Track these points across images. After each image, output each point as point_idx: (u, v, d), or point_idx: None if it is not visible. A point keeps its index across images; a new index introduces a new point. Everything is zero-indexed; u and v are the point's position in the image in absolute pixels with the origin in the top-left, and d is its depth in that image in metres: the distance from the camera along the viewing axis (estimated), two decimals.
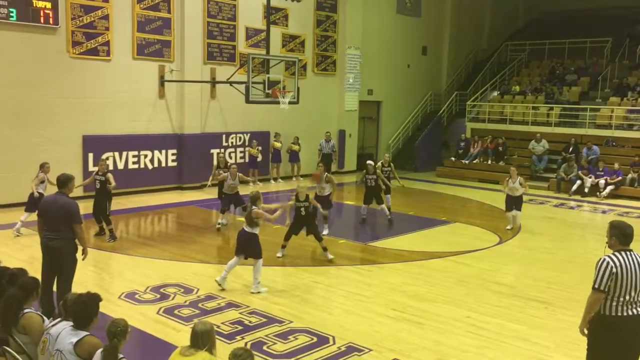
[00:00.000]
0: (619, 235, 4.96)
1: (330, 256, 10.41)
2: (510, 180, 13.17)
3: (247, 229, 8.73)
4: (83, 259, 7.22)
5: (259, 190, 9.32)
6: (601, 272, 4.86)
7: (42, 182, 11.42)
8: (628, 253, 4.93)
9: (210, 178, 13.51)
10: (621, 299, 4.85)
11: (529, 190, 14.09)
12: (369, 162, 13.85)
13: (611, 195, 17.80)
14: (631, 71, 22.69)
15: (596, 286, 4.88)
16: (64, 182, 7.08)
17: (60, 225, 6.93)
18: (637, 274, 4.88)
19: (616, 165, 18.16)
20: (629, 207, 16.67)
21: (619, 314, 4.86)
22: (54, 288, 7.10)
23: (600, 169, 18.31)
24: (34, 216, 11.83)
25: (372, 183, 13.39)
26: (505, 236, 12.66)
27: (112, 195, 11.67)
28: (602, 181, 18.02)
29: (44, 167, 11.53)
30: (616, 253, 4.93)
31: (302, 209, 10.34)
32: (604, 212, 16.30)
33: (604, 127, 20.44)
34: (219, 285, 8.64)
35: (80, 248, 7.14)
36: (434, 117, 25.03)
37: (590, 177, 18.26)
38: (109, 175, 11.37)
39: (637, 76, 22.07)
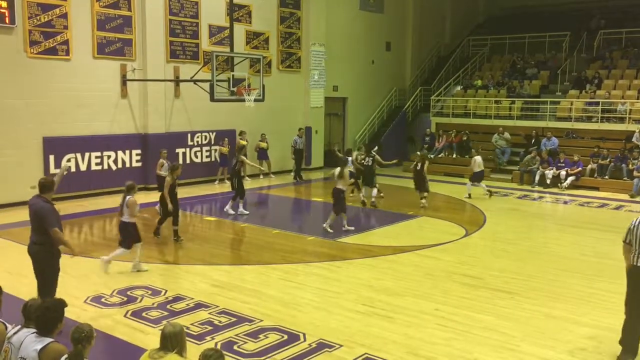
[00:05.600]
0: None
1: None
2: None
3: (123, 218, 8.96)
4: (72, 257, 6.98)
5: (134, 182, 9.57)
6: (626, 228, 6.27)
7: (162, 165, 13.58)
8: None
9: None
10: (637, 250, 6.09)
11: (494, 183, 14.26)
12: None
13: (572, 186, 18.22)
14: (589, 64, 23.27)
15: (623, 238, 6.31)
16: (49, 187, 6.81)
17: (35, 230, 6.83)
18: None
19: (575, 157, 18.60)
20: (589, 197, 17.10)
21: (636, 264, 6.07)
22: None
23: (561, 161, 18.73)
24: None
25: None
26: (471, 229, 12.85)
27: None
28: (563, 172, 18.43)
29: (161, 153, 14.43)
30: None
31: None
32: (565, 202, 16.68)
33: (564, 119, 20.92)
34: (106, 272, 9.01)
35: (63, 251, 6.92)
36: (399, 113, 25.25)
37: (551, 169, 18.67)
38: None
39: (594, 69, 22.64)
